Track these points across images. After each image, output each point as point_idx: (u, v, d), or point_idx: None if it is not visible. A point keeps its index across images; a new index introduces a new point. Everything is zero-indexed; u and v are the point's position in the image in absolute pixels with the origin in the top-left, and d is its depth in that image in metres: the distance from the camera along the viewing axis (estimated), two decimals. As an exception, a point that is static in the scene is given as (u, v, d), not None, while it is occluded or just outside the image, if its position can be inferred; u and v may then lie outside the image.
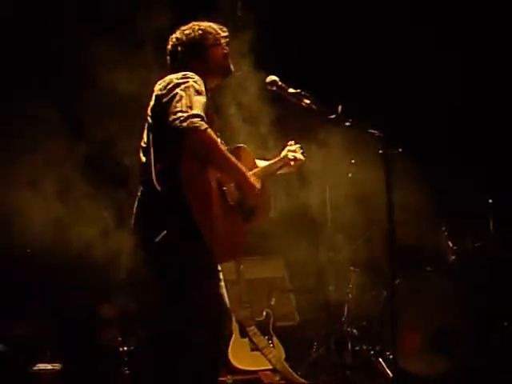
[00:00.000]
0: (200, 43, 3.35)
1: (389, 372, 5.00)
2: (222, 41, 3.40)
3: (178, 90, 3.07)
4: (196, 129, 2.96)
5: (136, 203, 3.24)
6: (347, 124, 3.36)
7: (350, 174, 5.52)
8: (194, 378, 3.09)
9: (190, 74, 3.17)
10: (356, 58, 5.94)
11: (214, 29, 3.40)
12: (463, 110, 5.97)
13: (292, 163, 3.62)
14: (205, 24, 3.40)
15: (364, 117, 3.37)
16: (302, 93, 3.44)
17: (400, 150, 3.37)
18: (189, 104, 3.02)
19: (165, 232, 3.06)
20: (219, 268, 3.26)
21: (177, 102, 3.03)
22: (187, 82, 3.12)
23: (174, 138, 3.02)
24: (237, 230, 3.25)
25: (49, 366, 4.72)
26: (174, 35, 3.41)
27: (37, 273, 5.05)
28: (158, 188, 3.08)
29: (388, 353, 5.13)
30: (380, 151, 3.34)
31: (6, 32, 5.03)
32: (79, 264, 5.06)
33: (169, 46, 3.40)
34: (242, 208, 3.28)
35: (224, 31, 3.43)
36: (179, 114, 2.98)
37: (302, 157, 3.67)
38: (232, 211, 3.22)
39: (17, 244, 4.99)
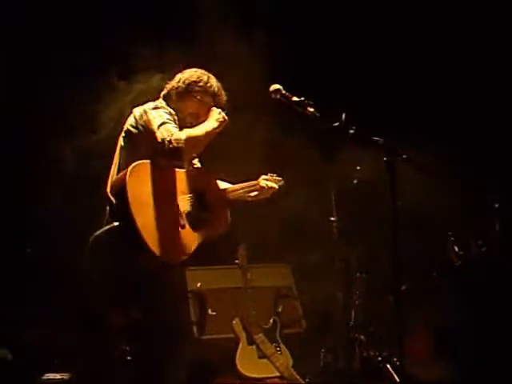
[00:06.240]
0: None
1: (396, 378, 5.00)
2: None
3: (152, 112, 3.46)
4: (180, 148, 3.30)
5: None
6: (351, 132, 3.37)
7: (355, 181, 5.53)
8: None
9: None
10: (358, 65, 5.96)
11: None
12: (471, 114, 5.98)
13: (263, 190, 3.78)
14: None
15: (368, 124, 3.38)
16: (306, 101, 3.46)
17: (404, 156, 3.36)
18: (161, 121, 3.38)
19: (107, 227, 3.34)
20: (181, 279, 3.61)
21: (158, 127, 3.37)
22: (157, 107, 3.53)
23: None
24: (183, 236, 3.39)
25: (57, 376, 4.73)
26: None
27: (48, 279, 5.08)
28: (113, 199, 3.37)
29: (395, 359, 5.13)
30: (384, 158, 3.34)
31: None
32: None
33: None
34: (197, 217, 3.46)
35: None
36: (165, 141, 3.29)
37: (274, 185, 3.76)
38: (181, 217, 3.40)
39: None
